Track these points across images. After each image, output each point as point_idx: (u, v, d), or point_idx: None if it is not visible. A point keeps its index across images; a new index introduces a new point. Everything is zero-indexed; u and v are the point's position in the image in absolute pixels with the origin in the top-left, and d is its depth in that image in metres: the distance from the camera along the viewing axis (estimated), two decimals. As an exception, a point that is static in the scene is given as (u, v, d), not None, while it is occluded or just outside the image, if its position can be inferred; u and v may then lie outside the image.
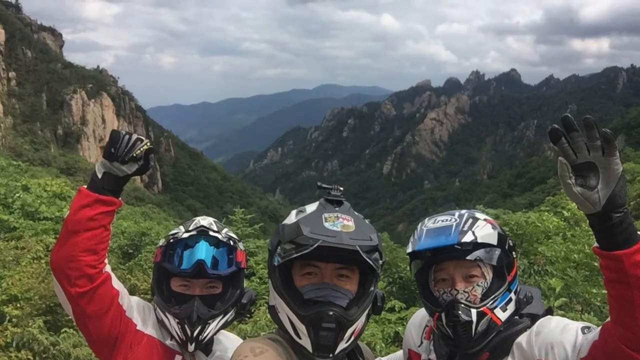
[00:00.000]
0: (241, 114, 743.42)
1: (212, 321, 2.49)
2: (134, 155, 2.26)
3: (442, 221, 2.24)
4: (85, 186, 2.33)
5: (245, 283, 2.70)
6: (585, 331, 1.89)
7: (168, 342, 2.51)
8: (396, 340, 8.28)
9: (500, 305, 2.15)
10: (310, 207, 2.03)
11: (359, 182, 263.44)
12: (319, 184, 2.14)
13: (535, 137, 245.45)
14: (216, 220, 2.64)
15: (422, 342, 2.46)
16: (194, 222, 2.57)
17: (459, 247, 2.13)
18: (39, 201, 15.82)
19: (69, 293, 2.30)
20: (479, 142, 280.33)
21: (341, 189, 2.10)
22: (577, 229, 11.17)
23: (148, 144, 2.31)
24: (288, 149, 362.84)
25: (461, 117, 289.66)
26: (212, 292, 2.51)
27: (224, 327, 2.57)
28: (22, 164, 31.02)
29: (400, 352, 2.76)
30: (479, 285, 2.15)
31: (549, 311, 2.21)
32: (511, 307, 2.18)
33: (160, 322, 2.51)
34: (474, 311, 2.11)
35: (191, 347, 2.47)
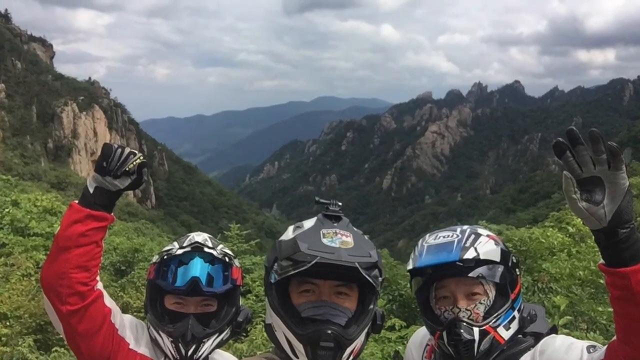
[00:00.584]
0: (237, 127, 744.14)
1: (207, 340, 2.45)
2: (127, 169, 2.25)
3: (444, 237, 2.22)
4: (77, 201, 2.31)
5: (241, 301, 2.69)
6: (591, 350, 1.86)
7: None
8: (396, 360, 8.27)
9: (503, 324, 2.13)
10: (308, 223, 2.01)
11: (358, 197, 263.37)
12: (316, 199, 2.12)
13: (539, 151, 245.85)
14: (211, 236, 2.63)
15: None
16: (188, 238, 2.56)
17: (461, 264, 2.11)
18: (28, 217, 15.81)
19: (60, 311, 2.28)
20: (481, 156, 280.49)
21: (339, 204, 2.07)
22: (583, 245, 11.20)
23: (141, 157, 2.29)
24: (285, 163, 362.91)
25: (463, 130, 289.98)
26: (207, 310, 2.48)
27: (219, 346, 2.54)
28: (12, 179, 30.95)
29: None
30: (481, 303, 2.13)
31: (554, 330, 2.20)
32: (514, 326, 2.16)
33: (154, 341, 2.48)
34: (476, 330, 2.09)
35: None
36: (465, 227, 2.22)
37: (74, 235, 2.24)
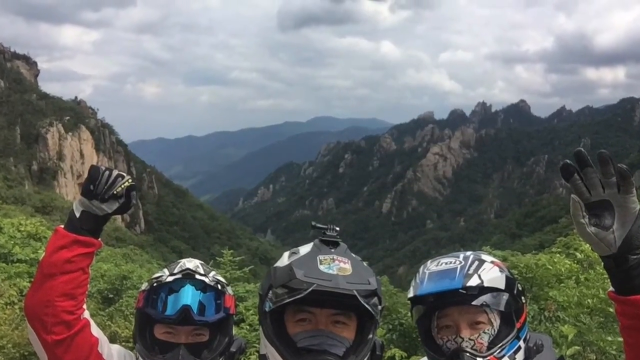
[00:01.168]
0: (230, 149, 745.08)
1: None
2: (115, 192, 2.24)
3: (446, 264, 2.20)
4: (62, 226, 2.30)
5: (235, 330, 2.67)
6: None
7: None
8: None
9: (508, 354, 2.09)
10: (304, 249, 2.00)
11: (356, 222, 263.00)
12: (313, 223, 2.10)
13: (545, 174, 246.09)
14: (203, 262, 2.61)
15: None
16: (179, 265, 2.54)
17: (464, 292, 2.09)
18: (12, 242, 15.81)
19: (45, 341, 2.26)
20: (485, 179, 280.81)
21: (337, 229, 2.06)
22: (591, 272, 11.18)
23: (129, 180, 2.28)
24: (280, 186, 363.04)
25: (466, 151, 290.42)
26: (198, 340, 2.44)
27: None
28: (-6, 202, 30.90)
29: None
30: (485, 333, 2.10)
31: (561, 360, 2.11)
32: (520, 356, 2.13)
33: None
34: None
35: None
36: (468, 253, 2.09)
37: (59, 262, 2.22)
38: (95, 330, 2.39)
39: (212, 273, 2.57)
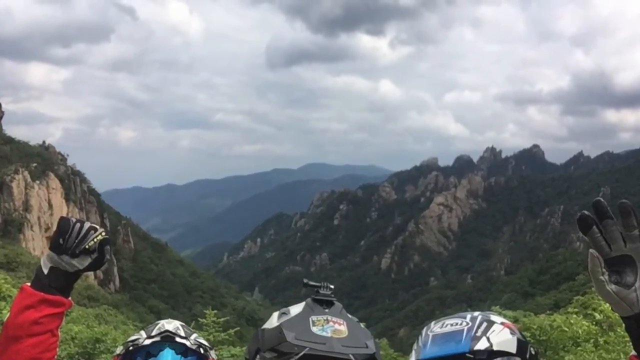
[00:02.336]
0: (213, 199, 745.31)
1: None
2: (87, 247, 2.20)
3: (452, 325, 2.16)
4: (29, 284, 2.27)
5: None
6: None
7: None
8: None
9: None
10: (295, 309, 1.98)
11: (352, 279, 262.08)
12: (305, 281, 2.12)
13: (561, 226, 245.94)
14: (184, 324, 2.60)
15: None
16: (157, 327, 2.52)
17: (472, 356, 2.04)
18: (-27, 301, 15.73)
19: None
20: (494, 232, 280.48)
21: (331, 287, 2.09)
22: (611, 335, 11.20)
23: (103, 233, 2.27)
24: (269, 240, 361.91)
25: (474, 202, 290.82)
26: None
27: None
28: (-47, 258, 30.77)
29: None
30: None
31: None
32: None
33: None
34: None
35: None
36: (476, 313, 2.06)
37: (26, 323, 2.18)
38: None
39: (194, 335, 2.55)
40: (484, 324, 2.13)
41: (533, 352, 2.14)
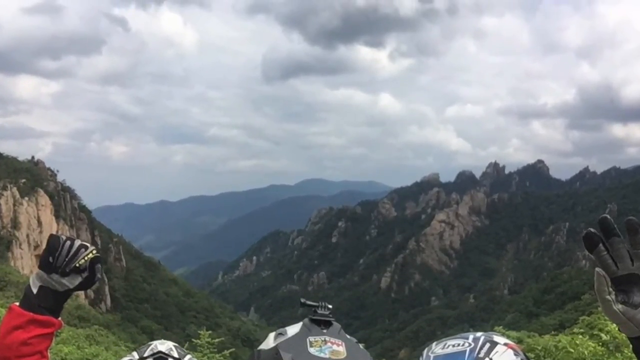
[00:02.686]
0: (207, 216, 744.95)
1: None
2: (77, 265, 2.20)
3: (454, 346, 2.15)
4: (18, 303, 2.27)
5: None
6: None
7: None
8: None
9: None
10: (292, 329, 1.99)
11: (351, 299, 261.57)
12: (302, 300, 2.15)
13: (566, 244, 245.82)
14: (177, 345, 2.61)
15: None
16: (150, 348, 2.52)
17: None
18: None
19: None
20: (498, 250, 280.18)
21: (330, 306, 2.13)
22: (619, 356, 11.19)
23: (94, 251, 2.26)
24: (265, 258, 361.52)
25: (476, 219, 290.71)
26: None
27: None
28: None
29: None
30: None
31: None
32: None
33: None
34: None
35: None
36: (479, 334, 2.04)
37: (14, 344, 2.16)
38: None
39: (188, 357, 2.55)
40: (487, 345, 2.12)
41: (537, 374, 2.14)
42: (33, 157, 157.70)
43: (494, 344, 2.11)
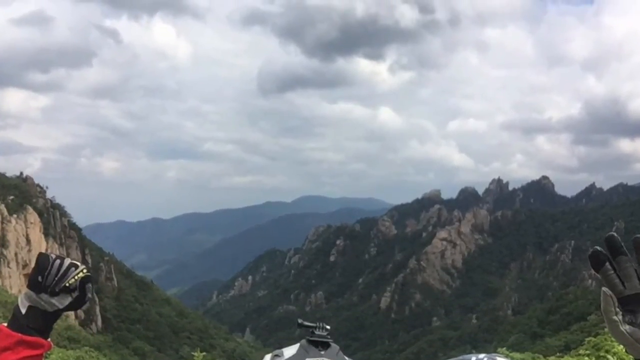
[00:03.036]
0: (201, 234, 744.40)
1: None
2: (67, 285, 2.19)
3: None
4: (6, 324, 2.25)
5: None
6: None
7: None
8: None
9: None
10: (289, 351, 2.04)
11: (350, 319, 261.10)
12: (299, 321, 2.18)
13: (572, 262, 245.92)
14: None
15: None
16: None
17: None
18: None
19: None
20: (501, 269, 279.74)
21: (328, 327, 2.15)
22: (625, 378, 11.17)
23: (84, 270, 2.27)
24: (261, 277, 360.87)
25: (479, 237, 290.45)
26: None
27: None
28: None
29: None
30: None
31: None
32: None
33: None
34: None
35: None
36: (481, 355, 2.02)
37: None
38: None
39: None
40: (490, 367, 1.93)
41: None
42: (22, 173, 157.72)
43: (497, 366, 2.00)
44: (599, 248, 1.54)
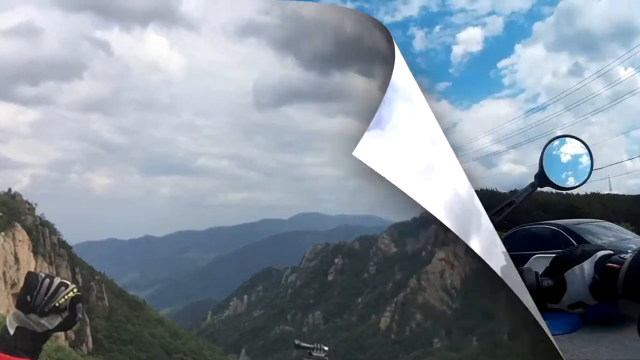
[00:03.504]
0: (195, 252, 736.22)
1: None
2: (57, 304, 2.15)
3: None
4: None
5: None
6: None
7: None
8: None
9: None
10: None
11: (348, 340, 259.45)
12: (296, 342, 2.15)
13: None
14: None
15: None
16: None
17: None
18: None
19: None
20: (501, 290, 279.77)
21: (326, 348, 2.09)
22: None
23: (74, 290, 2.20)
24: (257, 297, 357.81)
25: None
26: None
27: None
28: None
29: None
30: None
31: None
32: None
33: None
34: None
35: None
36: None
37: None
38: None
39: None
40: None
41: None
42: (9, 190, 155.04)
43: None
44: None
